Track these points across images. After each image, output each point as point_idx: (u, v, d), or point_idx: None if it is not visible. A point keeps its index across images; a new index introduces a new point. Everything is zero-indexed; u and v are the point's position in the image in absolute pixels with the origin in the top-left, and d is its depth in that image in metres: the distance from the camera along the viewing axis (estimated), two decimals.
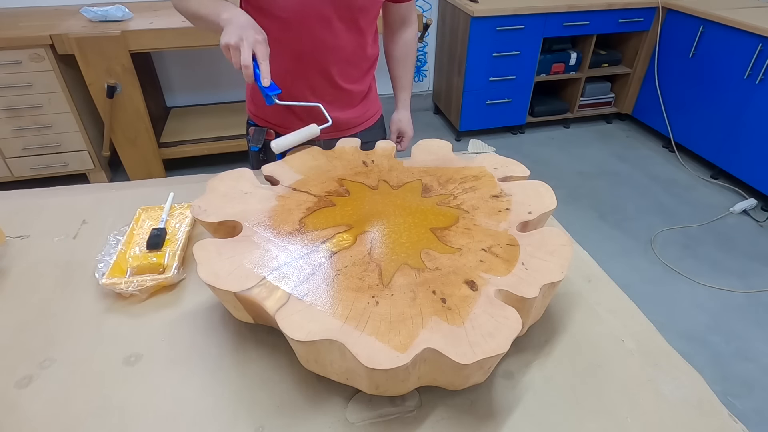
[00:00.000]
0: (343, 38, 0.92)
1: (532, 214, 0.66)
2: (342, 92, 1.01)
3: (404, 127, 1.15)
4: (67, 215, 0.85)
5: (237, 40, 0.74)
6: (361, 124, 1.09)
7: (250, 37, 0.74)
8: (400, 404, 0.54)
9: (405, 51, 1.10)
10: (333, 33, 0.90)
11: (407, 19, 1.08)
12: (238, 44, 0.74)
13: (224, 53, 0.77)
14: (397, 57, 1.10)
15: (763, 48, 2.24)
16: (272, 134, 1.01)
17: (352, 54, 0.96)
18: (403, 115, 1.14)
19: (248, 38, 0.74)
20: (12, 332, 0.62)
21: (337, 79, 0.97)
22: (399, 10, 1.05)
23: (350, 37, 0.93)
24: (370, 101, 1.10)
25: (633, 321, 0.66)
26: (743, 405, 1.46)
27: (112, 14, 2.06)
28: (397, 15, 1.06)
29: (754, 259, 2.05)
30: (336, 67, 0.96)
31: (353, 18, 0.91)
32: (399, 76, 1.13)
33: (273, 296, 0.52)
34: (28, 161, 2.20)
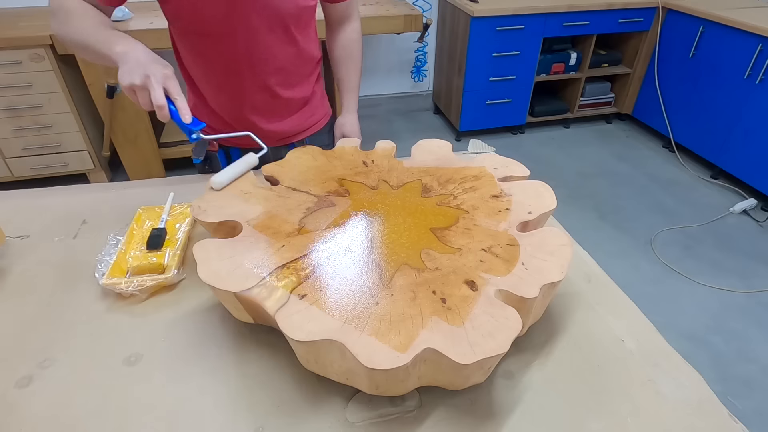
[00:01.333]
0: (276, 47, 0.89)
1: (532, 214, 0.66)
2: (282, 101, 0.97)
3: (348, 132, 1.06)
4: (67, 215, 0.84)
5: (143, 79, 0.67)
6: (306, 130, 1.06)
7: (157, 72, 0.67)
8: (400, 404, 0.54)
9: (347, 51, 1.04)
10: (264, 43, 0.87)
11: (347, 17, 1.03)
12: (146, 83, 0.67)
13: (128, 95, 0.70)
14: (338, 57, 1.05)
15: (763, 48, 2.24)
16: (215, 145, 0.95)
17: (288, 62, 0.93)
18: (347, 119, 1.07)
19: (155, 74, 0.67)
20: (12, 332, 0.62)
21: (276, 89, 0.94)
22: (336, 10, 1.01)
23: (283, 46, 0.90)
24: (314, 106, 1.06)
25: (633, 321, 0.65)
26: (743, 405, 1.46)
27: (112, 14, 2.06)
28: (335, 14, 1.02)
29: (754, 259, 2.05)
30: (273, 78, 0.93)
31: (284, 26, 0.88)
32: (341, 78, 1.07)
33: (273, 296, 0.52)
34: (28, 161, 2.20)
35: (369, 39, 2.95)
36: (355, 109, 1.09)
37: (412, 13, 2.31)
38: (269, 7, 0.84)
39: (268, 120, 0.99)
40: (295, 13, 0.87)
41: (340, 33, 1.04)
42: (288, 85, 0.96)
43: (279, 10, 0.85)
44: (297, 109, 1.02)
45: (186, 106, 0.70)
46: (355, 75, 1.07)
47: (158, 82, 0.67)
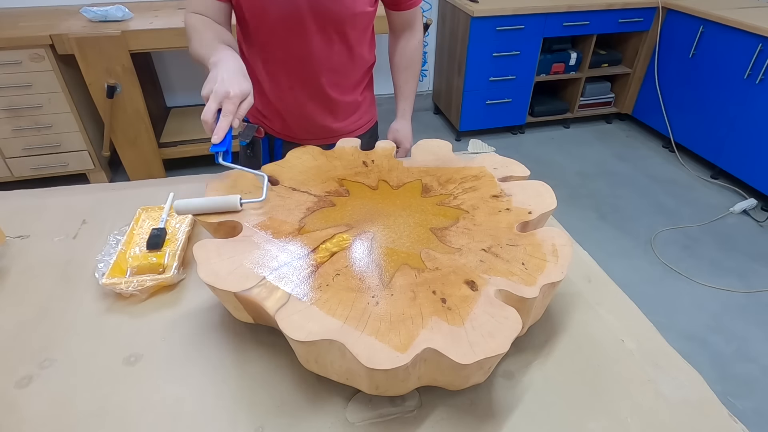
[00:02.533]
0: (328, 50, 0.92)
1: (532, 214, 0.66)
2: (333, 102, 0.99)
3: (400, 138, 1.10)
4: (67, 215, 0.84)
5: (206, 93, 0.69)
6: (351, 132, 1.07)
7: (220, 90, 0.68)
8: (400, 404, 0.54)
9: (407, 59, 1.07)
10: (316, 44, 0.90)
11: (410, 26, 1.05)
12: (207, 96, 0.69)
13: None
14: (398, 65, 1.08)
15: (763, 48, 2.24)
16: (262, 132, 1.00)
17: (341, 65, 0.95)
18: (401, 125, 1.10)
19: (218, 91, 0.68)
20: (12, 332, 0.62)
21: (327, 90, 0.97)
22: (401, 17, 1.03)
23: (336, 48, 0.92)
24: (363, 111, 1.08)
25: (633, 321, 0.66)
26: (743, 405, 1.46)
27: (112, 14, 2.06)
28: (399, 21, 1.04)
29: (754, 259, 2.05)
30: (325, 78, 0.95)
31: (338, 29, 0.90)
32: (399, 85, 1.10)
33: (273, 296, 0.52)
34: (28, 161, 2.20)
35: None
36: (409, 116, 1.12)
37: None
38: (327, 10, 0.86)
39: (321, 114, 1.01)
40: (349, 18, 0.89)
41: (402, 41, 1.07)
42: (338, 88, 0.98)
43: (334, 13, 0.87)
44: (346, 113, 1.04)
45: (223, 128, 0.68)
46: (412, 83, 1.10)
47: (216, 99, 0.67)
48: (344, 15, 0.88)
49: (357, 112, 1.07)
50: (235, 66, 0.72)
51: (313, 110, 0.99)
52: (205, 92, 0.69)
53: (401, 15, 1.02)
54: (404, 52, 1.07)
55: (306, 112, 0.99)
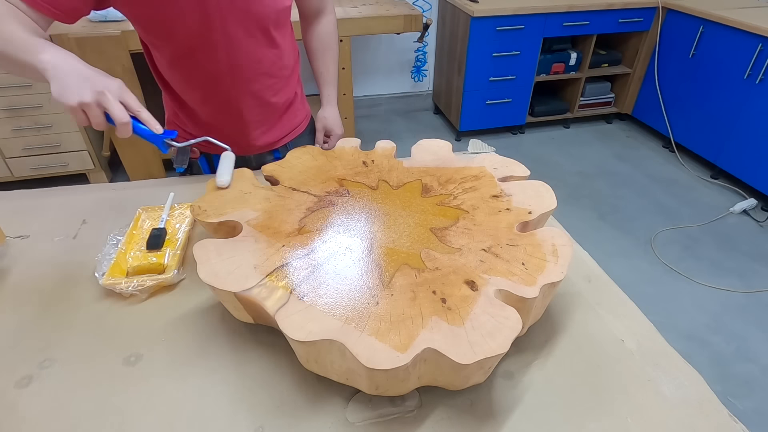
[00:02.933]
0: (258, 53, 0.87)
1: (532, 214, 0.66)
2: (269, 107, 0.96)
3: (331, 125, 1.06)
4: (67, 215, 0.84)
5: (95, 96, 0.59)
6: (289, 133, 1.04)
7: (111, 86, 0.60)
8: (400, 404, 0.54)
9: (324, 43, 1.03)
10: (245, 50, 0.85)
11: (322, 10, 1.02)
12: (99, 100, 0.60)
13: (72, 114, 0.61)
14: (316, 49, 1.04)
15: (763, 48, 2.24)
16: (196, 152, 0.94)
17: (271, 65, 0.91)
18: (329, 113, 1.06)
19: (110, 89, 0.60)
20: (12, 332, 0.62)
21: (263, 95, 0.93)
22: (311, 3, 1.00)
23: (265, 50, 0.88)
24: (296, 108, 1.04)
25: (633, 321, 0.65)
26: (743, 405, 1.46)
27: (112, 14, 2.06)
28: (310, 8, 1.01)
29: (754, 259, 2.05)
30: (258, 84, 0.90)
31: (263, 30, 0.85)
32: (320, 71, 1.05)
33: (273, 296, 0.52)
34: (28, 161, 2.20)
35: (369, 39, 2.95)
36: (335, 102, 1.07)
37: (412, 13, 2.31)
38: (247, 13, 0.81)
39: (258, 128, 0.97)
40: (273, 15, 0.85)
41: (315, 26, 1.03)
42: (274, 90, 0.94)
43: (258, 14, 0.82)
44: (282, 114, 1.00)
45: (151, 116, 0.65)
46: (333, 66, 1.05)
47: (115, 98, 0.60)
48: (268, 14, 0.84)
49: (294, 110, 1.03)
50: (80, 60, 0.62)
51: (251, 119, 0.95)
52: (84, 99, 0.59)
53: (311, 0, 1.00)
54: (320, 36, 1.03)
55: (243, 123, 0.94)
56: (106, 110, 0.61)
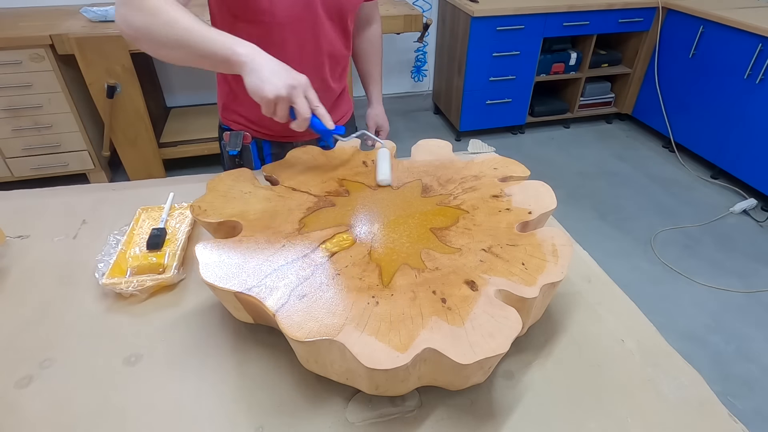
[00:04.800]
0: (332, 38, 0.92)
1: (532, 214, 0.66)
2: (330, 92, 1.01)
3: (381, 122, 1.17)
4: (67, 215, 0.84)
5: (289, 90, 0.64)
6: (338, 120, 1.08)
7: (301, 82, 0.66)
8: (400, 404, 0.54)
9: (373, 46, 1.13)
10: (325, 32, 0.90)
11: (372, 17, 1.11)
12: (291, 94, 0.65)
13: (264, 106, 0.65)
14: (366, 52, 1.13)
15: (763, 48, 2.24)
16: (249, 137, 0.98)
17: (338, 52, 0.96)
18: (378, 110, 1.17)
19: (300, 84, 0.65)
20: (12, 332, 0.62)
21: (328, 79, 0.97)
22: (365, 9, 1.08)
23: (337, 36, 0.94)
24: (345, 97, 1.10)
25: (633, 321, 0.66)
26: (743, 405, 1.46)
27: (112, 14, 2.06)
28: (363, 13, 1.08)
29: (754, 259, 2.05)
30: (327, 67, 0.95)
31: (341, 17, 0.91)
32: (369, 72, 1.15)
33: (273, 296, 0.52)
34: (28, 161, 2.20)
35: None
36: (381, 100, 1.18)
37: (412, 13, 2.31)
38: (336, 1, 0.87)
39: None
40: (351, 6, 0.91)
41: (366, 31, 1.12)
42: (334, 76, 0.99)
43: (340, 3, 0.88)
44: (335, 101, 1.05)
45: (326, 112, 0.70)
46: (379, 68, 1.17)
47: (302, 93, 0.65)
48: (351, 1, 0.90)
49: (343, 100, 1.09)
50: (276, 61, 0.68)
51: None
52: (281, 92, 0.64)
53: (365, 6, 1.07)
54: (370, 40, 1.12)
55: None
56: (293, 104, 0.66)
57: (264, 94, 0.64)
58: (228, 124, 1.02)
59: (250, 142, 0.99)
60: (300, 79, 0.66)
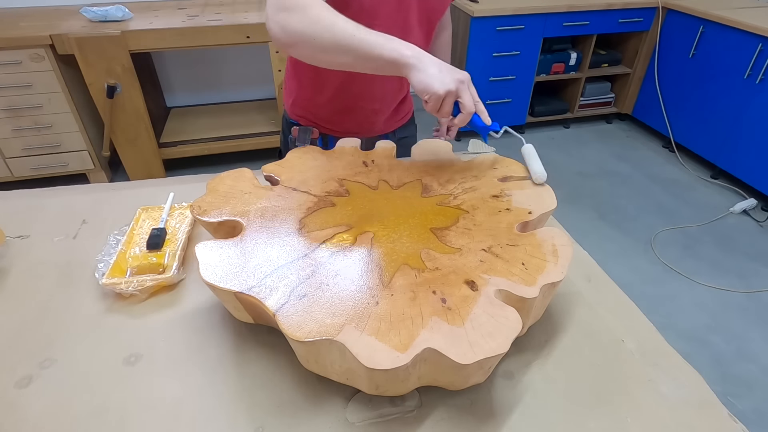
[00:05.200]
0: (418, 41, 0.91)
1: (532, 214, 0.66)
2: (401, 91, 1.03)
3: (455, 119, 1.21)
4: (67, 215, 0.84)
5: (457, 85, 0.67)
6: (400, 119, 1.13)
7: (465, 78, 0.68)
8: (400, 404, 0.54)
9: (444, 51, 1.15)
10: (413, 37, 0.90)
11: (446, 23, 1.12)
12: (459, 89, 0.67)
13: (432, 102, 0.68)
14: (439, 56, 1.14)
15: (763, 48, 2.24)
16: (317, 133, 1.00)
17: None
18: None
19: (466, 79, 0.68)
20: (12, 332, 0.62)
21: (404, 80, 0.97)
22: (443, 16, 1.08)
23: (422, 41, 0.94)
24: (409, 97, 1.13)
25: (633, 321, 0.66)
26: (743, 405, 1.46)
27: (112, 14, 2.06)
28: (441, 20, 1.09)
29: (754, 259, 2.05)
30: None
31: (430, 22, 0.92)
32: None
33: (273, 296, 0.52)
34: (28, 161, 2.20)
35: None
36: None
37: None
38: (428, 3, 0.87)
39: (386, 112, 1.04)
40: (441, 10, 0.92)
41: (439, 37, 1.11)
42: None
43: (435, 6, 0.89)
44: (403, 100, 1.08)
45: (485, 109, 0.72)
46: None
47: (467, 88, 0.68)
48: (440, 8, 0.91)
49: (408, 98, 1.12)
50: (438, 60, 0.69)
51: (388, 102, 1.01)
52: (451, 87, 0.66)
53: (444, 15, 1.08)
54: (441, 46, 1.13)
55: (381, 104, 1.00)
56: (459, 98, 0.68)
57: (435, 89, 0.66)
58: (296, 119, 1.04)
59: (318, 137, 1.01)
60: (465, 75, 0.69)
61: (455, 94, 0.67)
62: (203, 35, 2.04)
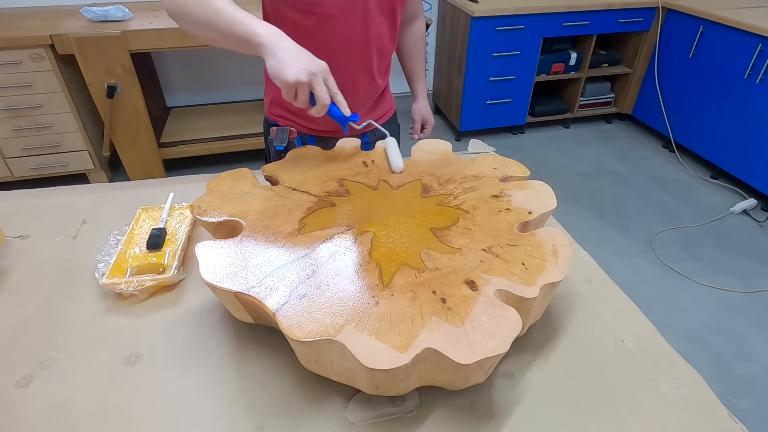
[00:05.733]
0: (382, 31, 0.92)
1: (532, 214, 0.66)
2: (375, 87, 1.01)
3: (427, 116, 1.20)
4: (67, 215, 0.85)
5: (309, 77, 0.65)
6: (380, 118, 1.10)
7: (321, 67, 0.67)
8: (400, 404, 0.54)
9: (417, 43, 1.14)
10: (375, 26, 0.89)
11: (417, 14, 1.12)
12: (312, 81, 0.66)
13: (284, 90, 0.67)
14: (410, 49, 1.14)
15: (763, 48, 2.24)
16: (294, 132, 0.98)
17: (386, 46, 0.96)
18: (423, 105, 1.20)
19: (320, 70, 0.66)
20: (12, 332, 0.62)
21: (375, 73, 0.97)
22: (410, 5, 1.07)
23: (386, 30, 0.93)
24: (388, 93, 1.12)
25: (633, 321, 0.66)
26: (743, 405, 1.46)
27: (112, 14, 2.06)
28: (408, 9, 1.08)
29: (754, 259, 2.05)
30: (375, 61, 0.94)
31: (392, 10, 0.91)
32: (414, 68, 1.16)
33: (273, 296, 0.52)
34: (28, 161, 2.20)
35: None
36: (426, 96, 1.21)
37: None
38: None
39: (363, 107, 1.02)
40: None
41: (411, 27, 1.12)
42: (382, 70, 1.00)
43: None
44: (380, 96, 1.07)
45: (344, 99, 0.71)
46: (423, 65, 1.18)
47: (322, 79, 0.67)
48: None
49: (386, 96, 1.10)
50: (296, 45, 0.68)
51: (362, 98, 0.99)
52: (300, 77, 0.65)
53: (410, 3, 1.05)
54: (414, 37, 1.13)
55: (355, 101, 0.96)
56: (313, 90, 0.67)
57: (284, 77, 0.65)
58: (274, 120, 1.03)
59: (296, 137, 1.01)
60: (320, 65, 0.67)
61: (307, 84, 0.66)
62: None
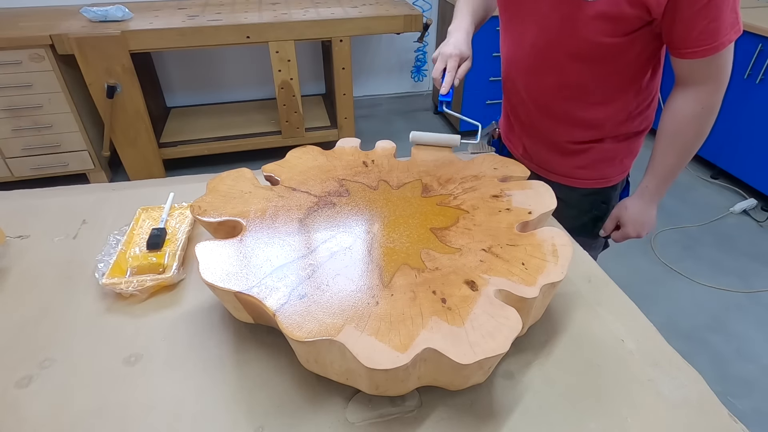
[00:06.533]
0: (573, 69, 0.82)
1: (532, 214, 0.66)
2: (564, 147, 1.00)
3: (626, 219, 0.92)
4: (67, 215, 0.85)
5: (435, 55, 0.84)
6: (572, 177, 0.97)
7: (446, 52, 0.82)
8: (400, 404, 0.54)
9: (673, 125, 0.84)
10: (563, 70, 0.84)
11: (690, 81, 0.79)
12: (435, 58, 0.84)
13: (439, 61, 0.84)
14: (661, 128, 0.86)
15: (763, 48, 2.24)
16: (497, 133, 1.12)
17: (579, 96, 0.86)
18: (632, 204, 0.92)
19: (444, 53, 0.82)
20: (12, 332, 0.62)
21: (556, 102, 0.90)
22: (677, 65, 0.78)
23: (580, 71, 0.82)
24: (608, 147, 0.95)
25: (633, 321, 0.65)
26: (743, 405, 1.46)
27: (112, 14, 2.06)
28: (677, 70, 0.80)
29: (754, 259, 2.04)
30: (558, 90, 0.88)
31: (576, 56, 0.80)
32: (654, 154, 0.89)
33: (273, 296, 0.52)
34: (28, 161, 2.20)
35: (369, 39, 2.94)
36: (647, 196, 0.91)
37: (412, 13, 2.31)
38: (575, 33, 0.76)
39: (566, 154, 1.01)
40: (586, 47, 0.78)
41: (677, 99, 0.82)
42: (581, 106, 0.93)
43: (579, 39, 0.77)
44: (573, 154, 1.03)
45: (449, 82, 0.81)
46: (671, 157, 0.86)
47: (443, 60, 0.82)
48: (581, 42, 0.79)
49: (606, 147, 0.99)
50: (462, 36, 0.86)
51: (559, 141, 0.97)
52: (435, 54, 0.84)
53: (677, 63, 0.77)
54: (674, 114, 0.83)
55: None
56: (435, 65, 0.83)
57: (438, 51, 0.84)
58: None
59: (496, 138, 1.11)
60: (447, 50, 0.83)
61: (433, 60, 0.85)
62: (203, 35, 2.04)
